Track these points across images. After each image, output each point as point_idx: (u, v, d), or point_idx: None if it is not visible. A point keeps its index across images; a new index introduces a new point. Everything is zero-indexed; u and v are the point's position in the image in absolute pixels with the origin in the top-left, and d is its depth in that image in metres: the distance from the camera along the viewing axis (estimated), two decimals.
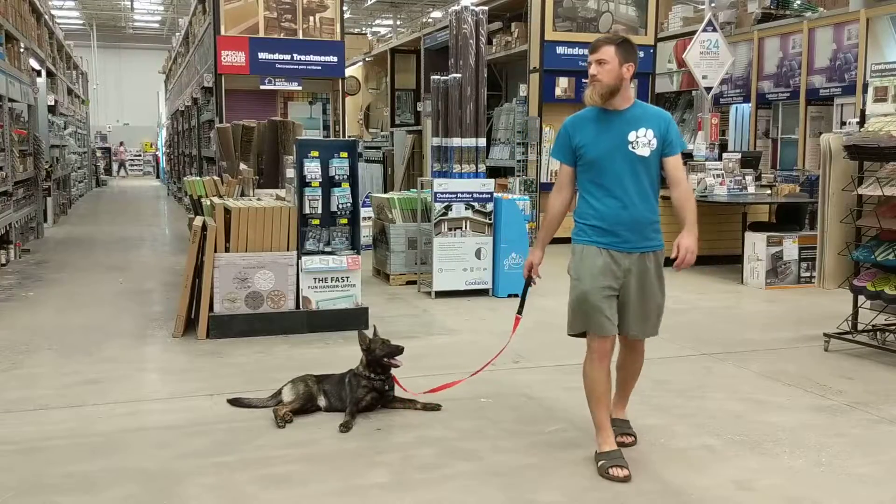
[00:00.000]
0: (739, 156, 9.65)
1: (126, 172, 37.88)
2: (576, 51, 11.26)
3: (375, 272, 8.58)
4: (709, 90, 10.72)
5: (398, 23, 30.96)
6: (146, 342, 5.83)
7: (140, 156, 39.66)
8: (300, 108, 11.70)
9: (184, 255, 6.85)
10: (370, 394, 4.23)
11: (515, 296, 7.26)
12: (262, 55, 10.72)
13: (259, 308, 5.94)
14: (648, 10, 11.86)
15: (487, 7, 9.04)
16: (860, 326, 5.68)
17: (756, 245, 8.17)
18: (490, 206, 7.51)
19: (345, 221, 6.15)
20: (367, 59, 18.55)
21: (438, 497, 3.30)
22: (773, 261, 8.10)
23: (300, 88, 11.30)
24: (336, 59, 11.07)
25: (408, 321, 6.52)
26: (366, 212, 8.90)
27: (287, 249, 5.99)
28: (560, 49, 11.40)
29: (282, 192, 7.11)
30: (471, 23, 7.56)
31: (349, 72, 16.70)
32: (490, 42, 12.30)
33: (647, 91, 11.73)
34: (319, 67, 11.00)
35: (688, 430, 4.03)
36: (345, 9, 14.67)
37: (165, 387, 4.81)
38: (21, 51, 12.21)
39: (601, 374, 3.56)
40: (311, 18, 10.95)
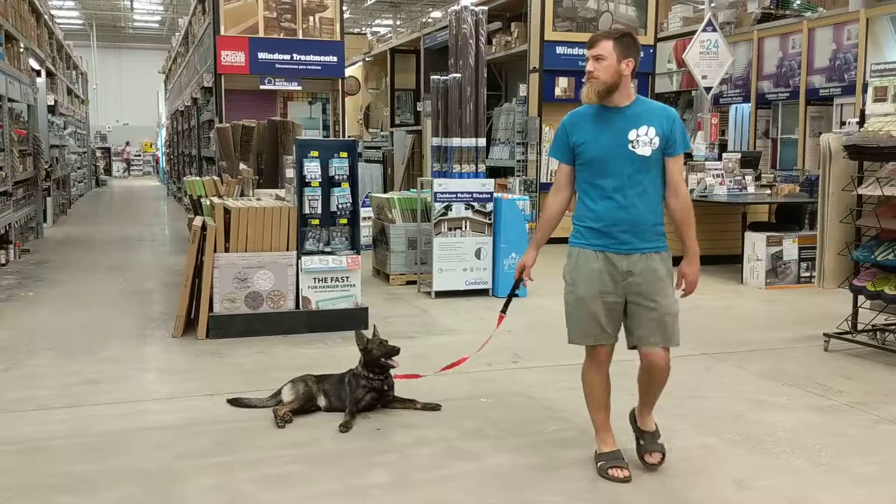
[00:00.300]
0: (739, 156, 9.66)
1: (129, 173, 37.91)
2: (575, 51, 11.27)
3: (375, 272, 8.58)
4: (708, 90, 10.73)
5: (398, 23, 30.95)
6: (146, 342, 5.83)
7: (140, 156, 39.69)
8: (300, 108, 11.68)
9: (183, 255, 6.84)
10: (369, 394, 4.23)
11: (515, 296, 7.23)
12: (262, 55, 10.72)
13: (259, 308, 5.94)
14: (648, 10, 11.88)
15: (487, 7, 9.04)
16: (860, 326, 5.68)
17: (756, 245, 8.17)
18: (490, 206, 7.51)
19: (344, 221, 6.15)
20: (367, 59, 18.55)
21: (438, 497, 3.30)
22: (773, 261, 8.10)
23: (300, 88, 11.28)
24: (336, 59, 11.07)
25: (408, 321, 6.52)
26: (366, 212, 8.89)
27: (287, 249, 5.99)
28: (560, 49, 11.41)
29: (281, 192, 7.10)
30: (470, 23, 7.56)
31: (349, 72, 16.70)
32: (490, 42, 12.30)
33: (647, 91, 11.73)
34: (319, 67, 11.00)
35: (688, 430, 4.03)
36: (345, 9, 14.67)
37: (165, 387, 4.81)
38: (21, 51, 12.21)
39: (599, 380, 3.53)
40: (311, 18, 10.95)
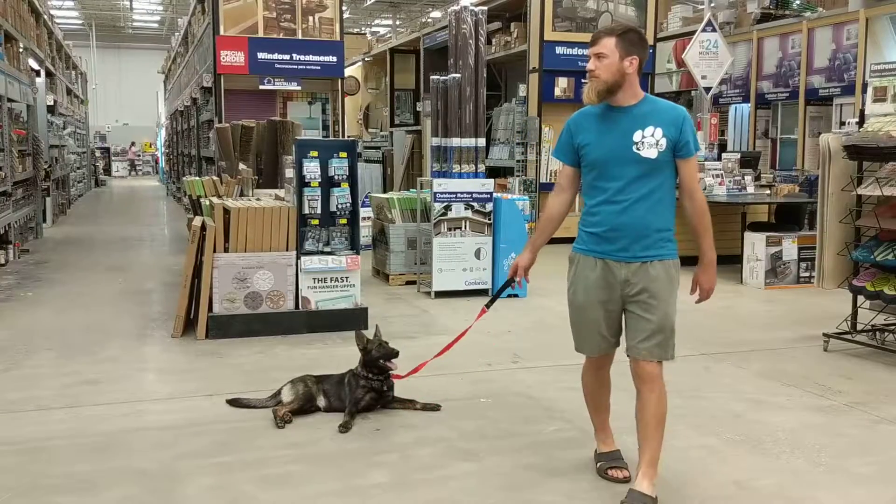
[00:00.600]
0: (739, 156, 9.65)
1: (134, 172, 37.85)
2: (575, 51, 11.28)
3: (375, 272, 8.58)
4: (708, 90, 10.73)
5: (397, 23, 30.92)
6: (146, 342, 5.83)
7: (139, 156, 39.65)
8: (299, 108, 11.69)
9: (183, 255, 6.84)
10: (369, 394, 4.23)
11: (515, 296, 7.26)
12: (262, 55, 10.71)
13: (258, 308, 5.94)
14: (648, 10, 11.89)
15: (487, 7, 9.04)
16: (859, 326, 5.68)
17: (755, 245, 8.17)
18: (489, 206, 7.51)
19: (344, 221, 6.15)
20: (367, 59, 18.55)
21: (438, 497, 3.30)
22: (773, 261, 8.10)
23: (299, 88, 11.28)
24: (335, 59, 11.07)
25: (407, 321, 6.52)
26: (365, 212, 8.88)
27: (286, 249, 5.98)
28: (559, 49, 11.41)
29: (281, 192, 7.10)
30: (470, 23, 7.56)
31: (348, 72, 16.70)
32: (489, 42, 12.30)
33: (646, 91, 11.71)
34: (319, 67, 11.00)
35: (688, 430, 4.03)
36: (344, 9, 14.66)
37: (165, 387, 4.81)
38: (20, 51, 12.21)
39: (599, 381, 3.51)
40: (311, 18, 10.95)
